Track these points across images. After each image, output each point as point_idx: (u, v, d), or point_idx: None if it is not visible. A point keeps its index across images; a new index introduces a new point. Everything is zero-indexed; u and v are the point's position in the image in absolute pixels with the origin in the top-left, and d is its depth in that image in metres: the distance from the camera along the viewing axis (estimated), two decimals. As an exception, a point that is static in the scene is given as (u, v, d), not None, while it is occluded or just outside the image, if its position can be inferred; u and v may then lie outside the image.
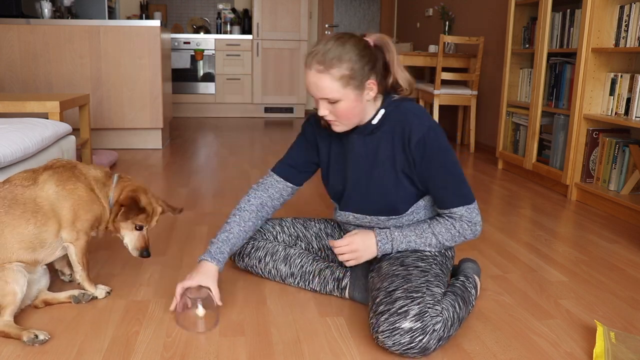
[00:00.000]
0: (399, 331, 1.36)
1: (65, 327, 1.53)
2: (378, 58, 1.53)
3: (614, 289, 1.90)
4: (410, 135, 1.54)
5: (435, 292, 1.46)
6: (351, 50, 1.48)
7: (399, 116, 1.57)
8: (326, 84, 1.48)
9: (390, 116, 1.58)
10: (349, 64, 1.47)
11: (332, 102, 1.51)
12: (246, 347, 1.46)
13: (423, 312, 1.38)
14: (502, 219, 2.69)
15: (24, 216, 1.54)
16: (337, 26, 7.52)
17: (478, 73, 4.52)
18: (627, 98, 2.80)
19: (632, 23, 2.75)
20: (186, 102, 6.78)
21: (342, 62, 1.46)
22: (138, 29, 4.16)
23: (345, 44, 1.48)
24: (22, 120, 2.42)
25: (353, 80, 1.48)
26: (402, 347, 1.36)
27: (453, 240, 1.62)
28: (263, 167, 3.81)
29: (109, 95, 4.22)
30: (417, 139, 1.53)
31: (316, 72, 1.48)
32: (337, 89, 1.48)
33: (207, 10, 7.33)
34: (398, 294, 1.43)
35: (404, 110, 1.58)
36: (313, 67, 1.49)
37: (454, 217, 1.59)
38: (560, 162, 3.24)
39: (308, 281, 1.78)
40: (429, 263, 1.58)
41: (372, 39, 1.54)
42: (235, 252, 1.88)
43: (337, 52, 1.47)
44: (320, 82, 1.49)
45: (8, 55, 4.06)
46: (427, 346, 1.36)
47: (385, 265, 1.59)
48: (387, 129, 1.59)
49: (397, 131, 1.57)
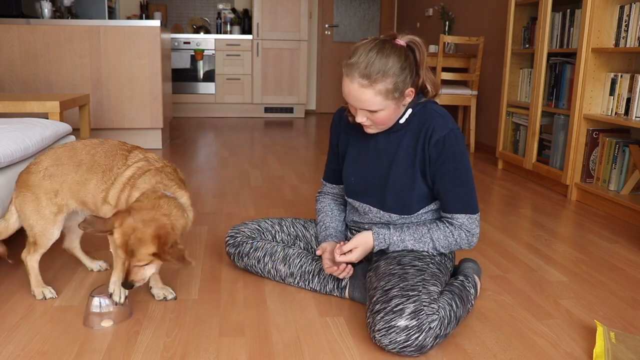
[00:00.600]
0: (394, 329, 1.37)
1: (65, 327, 1.54)
2: (413, 63, 1.53)
3: (614, 289, 1.90)
4: (432, 134, 1.56)
5: (431, 291, 1.46)
6: (395, 64, 1.46)
7: (425, 115, 1.59)
8: (368, 97, 1.48)
9: (417, 115, 1.60)
10: (393, 78, 1.46)
11: (371, 111, 1.52)
12: (246, 347, 1.46)
13: (419, 310, 1.39)
14: (502, 219, 2.69)
15: (101, 179, 1.61)
16: (337, 26, 7.52)
17: (478, 73, 4.52)
18: (627, 98, 2.80)
19: (632, 23, 2.75)
20: (186, 102, 6.78)
21: (386, 76, 1.46)
22: (138, 29, 4.16)
23: (389, 57, 1.46)
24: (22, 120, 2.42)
25: (395, 93, 1.49)
26: (398, 345, 1.37)
27: (449, 247, 1.63)
28: (263, 167, 3.81)
29: (109, 95, 4.22)
30: (437, 138, 1.55)
31: (359, 86, 1.47)
32: (380, 101, 1.49)
33: (207, 10, 7.33)
34: (394, 293, 1.44)
35: (430, 110, 1.60)
36: (356, 81, 1.47)
37: (454, 224, 1.60)
38: (560, 162, 3.24)
39: (308, 281, 1.78)
40: (426, 262, 1.59)
41: (404, 40, 1.53)
42: (235, 252, 1.89)
43: (381, 66, 1.45)
44: (363, 96, 1.48)
45: (8, 55, 4.06)
46: (423, 344, 1.37)
47: (382, 265, 1.60)
48: (412, 127, 1.61)
49: (421, 130, 1.59)
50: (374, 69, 1.45)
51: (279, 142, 4.93)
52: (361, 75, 1.46)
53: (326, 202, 1.88)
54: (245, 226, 1.93)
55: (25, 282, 1.81)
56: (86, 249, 2.13)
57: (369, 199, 1.69)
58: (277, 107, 6.97)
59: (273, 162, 3.98)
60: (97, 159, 1.64)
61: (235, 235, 1.91)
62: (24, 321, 1.56)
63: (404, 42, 1.52)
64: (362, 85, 1.47)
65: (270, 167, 3.80)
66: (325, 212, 1.85)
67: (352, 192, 1.73)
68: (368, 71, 1.45)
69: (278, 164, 3.92)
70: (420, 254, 1.62)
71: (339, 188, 1.89)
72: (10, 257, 1.79)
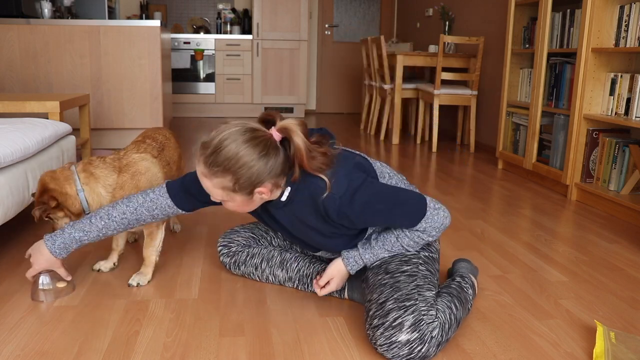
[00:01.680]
0: (396, 344, 1.34)
1: (65, 327, 1.54)
2: (278, 159, 1.38)
3: (614, 289, 1.90)
4: (327, 212, 1.45)
5: (427, 297, 1.42)
6: (244, 158, 1.33)
7: (306, 192, 1.46)
8: (208, 185, 1.40)
9: (298, 191, 1.47)
10: (235, 177, 1.35)
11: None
12: (246, 347, 1.46)
13: (418, 320, 1.35)
14: (502, 219, 2.69)
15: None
16: (337, 26, 7.52)
17: (478, 73, 4.52)
18: (627, 98, 2.80)
19: (632, 23, 2.75)
20: (186, 102, 6.79)
21: (226, 173, 1.35)
22: (138, 29, 4.16)
23: (240, 149, 1.33)
24: (22, 120, 2.42)
25: (239, 190, 1.38)
26: (402, 358, 1.34)
27: (427, 240, 1.54)
28: (263, 167, 3.81)
29: (109, 95, 4.22)
30: (336, 214, 1.45)
31: (200, 174, 1.39)
32: (220, 194, 1.41)
33: (207, 10, 7.33)
34: (390, 306, 1.39)
35: (309, 185, 1.45)
36: (200, 168, 1.39)
37: (419, 229, 1.52)
38: (560, 162, 3.24)
39: (307, 284, 1.78)
40: (414, 264, 1.53)
41: (278, 131, 1.39)
42: (230, 262, 1.88)
43: (225, 159, 1.33)
44: (205, 183, 1.41)
45: (8, 55, 4.06)
46: (427, 354, 1.34)
47: (370, 276, 1.55)
48: (300, 201, 1.49)
49: (311, 205, 1.48)
50: (217, 160, 1.34)
51: (279, 142, 4.92)
52: (204, 162, 1.37)
53: (121, 221, 1.69)
54: (238, 234, 1.88)
55: (26, 282, 1.82)
56: (87, 250, 2.13)
57: (305, 247, 1.71)
58: (277, 107, 6.97)
59: (273, 162, 3.98)
60: None
61: (228, 244, 1.87)
62: (24, 321, 1.56)
63: (277, 134, 1.39)
64: (203, 174, 1.38)
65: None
66: (107, 227, 1.68)
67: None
68: (211, 160, 1.35)
69: (278, 164, 3.91)
70: (405, 255, 1.56)
71: (168, 202, 1.71)
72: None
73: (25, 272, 1.90)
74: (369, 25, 7.61)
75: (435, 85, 4.53)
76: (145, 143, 1.93)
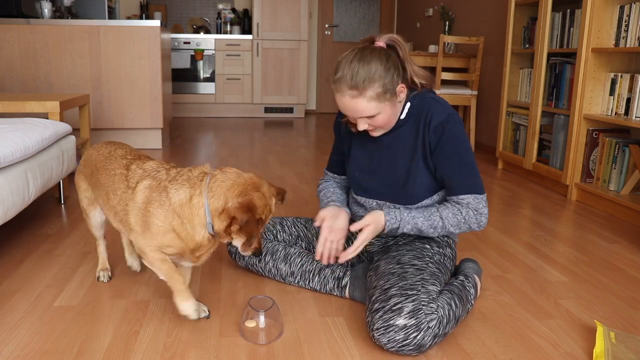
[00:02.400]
0: (393, 328, 1.37)
1: (65, 327, 1.54)
2: (397, 60, 1.54)
3: (614, 289, 1.90)
4: (431, 120, 1.57)
5: (430, 290, 1.46)
6: (377, 67, 1.48)
7: (422, 104, 1.61)
8: (362, 105, 1.50)
9: (415, 107, 1.62)
10: (380, 81, 1.48)
11: (370, 117, 1.53)
12: (246, 347, 1.46)
13: (417, 309, 1.39)
14: (502, 219, 2.69)
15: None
16: (337, 26, 7.51)
17: (478, 73, 4.52)
18: (627, 98, 2.80)
19: (632, 23, 2.75)
20: (186, 102, 6.78)
21: (373, 82, 1.48)
22: (138, 29, 4.16)
23: (371, 62, 1.48)
24: (22, 120, 2.42)
25: (386, 94, 1.50)
26: (397, 344, 1.37)
27: (458, 226, 1.61)
28: (263, 167, 3.81)
29: (109, 95, 4.22)
30: (435, 124, 1.57)
31: (350, 97, 1.50)
32: (374, 106, 1.51)
33: (207, 10, 7.33)
34: (393, 292, 1.45)
35: (427, 99, 1.62)
36: (346, 94, 1.50)
37: (461, 203, 1.60)
38: (560, 162, 3.24)
39: (308, 280, 1.78)
40: (425, 262, 1.59)
41: (383, 41, 1.54)
42: (236, 251, 1.89)
43: (365, 73, 1.47)
44: (357, 106, 1.51)
45: (8, 55, 4.06)
46: (422, 343, 1.37)
47: (382, 264, 1.60)
48: (412, 119, 1.62)
49: (420, 119, 1.60)
50: (359, 79, 1.47)
51: (279, 142, 4.93)
52: (349, 87, 1.48)
53: (328, 184, 1.90)
54: None
55: (26, 282, 1.82)
56: (87, 250, 2.13)
57: (376, 194, 1.71)
58: (277, 107, 6.97)
59: (273, 162, 3.98)
60: None
61: None
62: (24, 321, 1.56)
63: (383, 43, 1.54)
64: (353, 97, 1.49)
65: (270, 167, 3.80)
66: (327, 189, 1.87)
67: (358, 187, 1.75)
68: (355, 82, 1.47)
69: (278, 164, 3.92)
70: (419, 252, 1.62)
71: (340, 178, 1.91)
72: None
73: (25, 271, 1.90)
74: (369, 25, 7.61)
75: (435, 85, 4.53)
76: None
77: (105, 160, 1.63)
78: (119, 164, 1.58)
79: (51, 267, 1.96)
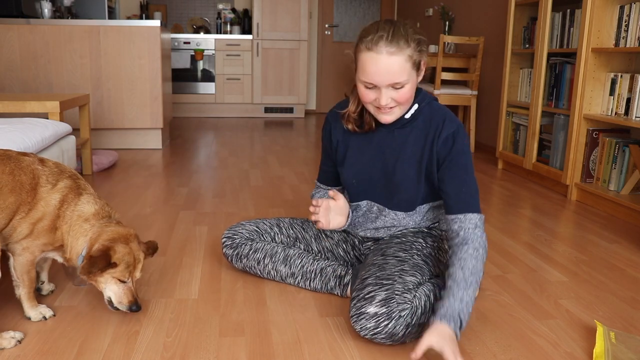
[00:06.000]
0: (364, 316, 1.40)
1: (65, 327, 1.54)
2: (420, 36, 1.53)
3: (614, 289, 1.90)
4: (442, 131, 1.55)
5: (407, 281, 1.47)
6: (411, 32, 1.46)
7: (432, 113, 1.60)
8: (399, 65, 1.44)
9: (423, 113, 1.60)
10: (414, 45, 1.46)
11: (398, 87, 1.48)
12: (246, 347, 1.46)
13: (389, 298, 1.40)
14: (502, 219, 2.69)
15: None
16: (337, 26, 7.52)
17: (478, 73, 4.52)
18: (627, 98, 2.80)
19: (632, 23, 2.75)
20: (186, 102, 6.78)
21: (409, 43, 1.45)
22: (138, 29, 4.16)
23: (405, 26, 1.47)
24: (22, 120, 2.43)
25: (417, 61, 1.48)
26: (368, 331, 1.39)
27: (482, 261, 1.46)
28: (263, 167, 3.81)
29: (109, 95, 4.22)
30: (446, 135, 1.55)
31: (388, 55, 1.43)
32: (408, 70, 1.46)
33: (207, 10, 7.33)
34: (369, 281, 1.47)
35: (436, 108, 1.61)
36: (384, 50, 1.43)
37: (466, 231, 1.48)
38: (560, 162, 3.24)
39: (309, 280, 1.78)
40: (411, 254, 1.59)
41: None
42: (233, 254, 1.88)
43: (403, 33, 1.44)
44: (394, 66, 1.44)
45: (8, 55, 4.06)
46: (393, 332, 1.38)
47: (370, 257, 1.63)
48: (419, 124, 1.60)
49: (429, 127, 1.58)
50: (397, 36, 1.43)
51: (279, 142, 4.93)
52: (388, 43, 1.43)
53: (322, 193, 1.87)
54: (243, 227, 1.90)
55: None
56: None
57: (374, 197, 1.69)
58: (277, 107, 6.97)
59: (273, 162, 3.98)
60: None
61: (232, 236, 1.88)
62: (24, 321, 1.56)
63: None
64: (391, 53, 1.43)
65: (270, 167, 3.80)
66: (320, 193, 1.87)
67: (355, 194, 1.73)
68: (395, 39, 1.43)
69: (278, 164, 3.92)
70: (408, 246, 1.62)
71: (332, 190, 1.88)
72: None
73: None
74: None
75: (435, 85, 4.53)
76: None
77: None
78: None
79: (51, 267, 1.96)
